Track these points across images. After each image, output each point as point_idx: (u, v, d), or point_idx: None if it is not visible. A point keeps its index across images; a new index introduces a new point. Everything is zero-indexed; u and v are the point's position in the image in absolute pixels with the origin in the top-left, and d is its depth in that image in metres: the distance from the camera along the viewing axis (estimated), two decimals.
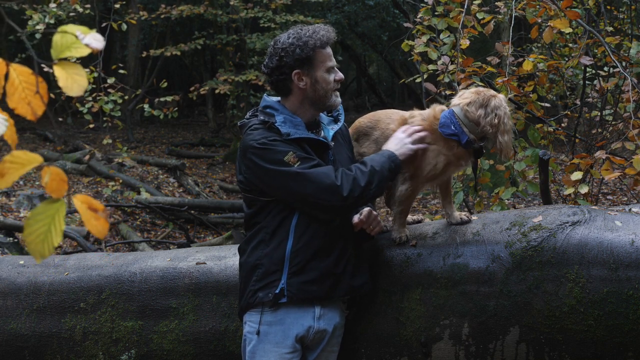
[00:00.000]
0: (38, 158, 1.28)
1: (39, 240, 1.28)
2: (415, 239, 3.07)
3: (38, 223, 1.28)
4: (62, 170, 1.30)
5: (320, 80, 2.83)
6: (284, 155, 2.72)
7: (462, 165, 3.06)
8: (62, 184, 1.29)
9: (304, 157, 2.75)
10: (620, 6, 8.00)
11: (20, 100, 1.31)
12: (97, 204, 1.31)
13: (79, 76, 1.33)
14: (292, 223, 2.80)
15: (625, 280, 2.71)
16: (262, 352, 2.81)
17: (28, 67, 1.33)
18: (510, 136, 2.95)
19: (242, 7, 13.55)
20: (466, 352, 2.88)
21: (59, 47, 1.33)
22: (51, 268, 3.58)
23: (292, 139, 2.77)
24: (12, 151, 1.29)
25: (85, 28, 1.34)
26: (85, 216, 1.30)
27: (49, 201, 1.30)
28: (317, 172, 2.72)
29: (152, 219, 11.27)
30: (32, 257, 3.83)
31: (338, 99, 2.93)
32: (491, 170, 4.79)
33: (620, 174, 3.72)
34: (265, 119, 2.82)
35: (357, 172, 2.76)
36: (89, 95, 7.38)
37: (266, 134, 2.78)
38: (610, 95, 5.52)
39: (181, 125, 21.42)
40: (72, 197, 1.29)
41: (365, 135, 3.16)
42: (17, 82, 1.31)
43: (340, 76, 2.90)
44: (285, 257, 2.78)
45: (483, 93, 2.97)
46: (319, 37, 2.81)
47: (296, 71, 2.81)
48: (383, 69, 26.96)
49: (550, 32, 4.12)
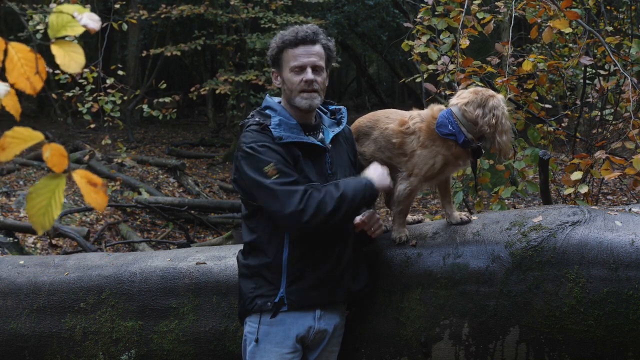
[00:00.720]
0: (39, 135, 1.31)
1: (40, 213, 1.33)
2: (415, 239, 3.07)
3: (40, 197, 1.33)
4: (62, 146, 1.32)
5: (286, 80, 2.82)
6: (265, 164, 2.69)
7: (461, 165, 3.06)
8: (62, 159, 1.32)
9: (284, 171, 2.69)
10: (620, 6, 8.00)
11: (19, 76, 1.34)
12: (96, 179, 1.34)
13: (76, 53, 1.35)
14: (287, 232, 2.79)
15: (625, 280, 2.71)
16: (263, 352, 2.80)
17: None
18: (508, 136, 2.94)
19: (242, 7, 13.55)
20: (466, 352, 2.88)
21: (56, 27, 1.36)
22: (51, 268, 3.58)
23: (284, 143, 2.76)
24: (14, 127, 1.32)
25: (81, 7, 1.37)
26: (84, 190, 1.33)
27: (50, 176, 1.33)
28: (285, 191, 2.64)
29: (152, 219, 11.27)
30: (30, 257, 3.82)
31: (305, 101, 2.81)
32: (491, 170, 4.79)
33: (620, 174, 3.72)
34: (261, 120, 2.81)
35: (327, 196, 2.66)
36: (89, 95, 7.39)
37: (258, 137, 2.75)
38: (610, 94, 5.52)
39: (181, 125, 21.43)
40: (72, 172, 1.32)
41: (365, 134, 3.16)
42: (16, 58, 1.33)
43: (308, 77, 2.78)
44: (282, 266, 2.77)
45: (481, 93, 2.97)
46: (288, 37, 2.79)
47: (272, 70, 2.89)
48: (383, 69, 26.96)
49: (550, 32, 4.13)
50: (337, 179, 2.84)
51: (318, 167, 2.82)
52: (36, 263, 3.67)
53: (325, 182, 2.80)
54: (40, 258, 3.80)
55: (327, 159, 2.86)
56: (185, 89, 16.55)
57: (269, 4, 13.69)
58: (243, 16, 13.34)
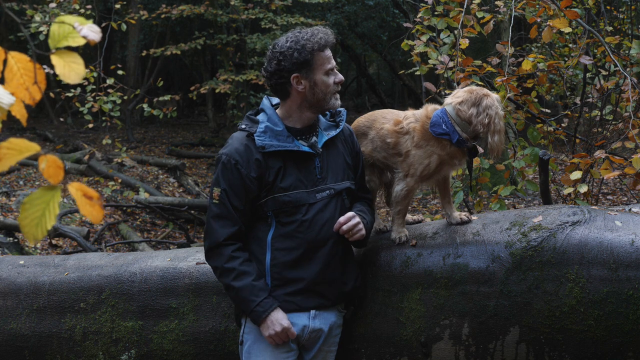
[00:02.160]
0: (35, 146, 1.32)
1: (33, 224, 1.33)
2: (415, 239, 3.07)
3: (33, 208, 1.33)
4: (58, 158, 1.33)
5: (319, 83, 2.82)
6: (216, 186, 2.80)
7: (456, 164, 3.05)
8: (58, 170, 1.32)
9: (225, 202, 2.78)
10: (620, 6, 8.00)
11: (18, 86, 1.34)
12: (91, 192, 1.34)
13: (76, 64, 1.36)
14: (269, 237, 2.81)
15: (625, 280, 2.70)
16: (258, 352, 2.81)
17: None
18: (500, 137, 2.91)
19: (242, 8, 13.54)
20: (466, 352, 2.88)
21: (56, 37, 1.36)
22: (51, 268, 3.58)
23: (267, 152, 2.78)
24: (10, 138, 1.32)
25: (82, 19, 1.38)
26: (80, 202, 1.34)
27: (45, 187, 1.34)
28: (211, 220, 2.81)
29: (152, 219, 11.27)
30: (31, 257, 3.82)
31: (338, 102, 2.90)
32: (491, 169, 4.79)
33: (619, 174, 3.72)
34: (247, 127, 2.84)
35: (225, 269, 2.78)
36: (89, 95, 7.39)
37: (236, 148, 2.80)
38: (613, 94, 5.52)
39: (181, 125, 21.42)
40: (68, 185, 1.33)
41: (363, 134, 3.17)
42: (16, 68, 1.34)
43: (340, 78, 2.87)
44: (265, 271, 2.80)
45: (475, 92, 2.95)
46: (317, 40, 2.80)
47: (294, 75, 2.80)
48: (383, 69, 26.94)
49: (550, 31, 4.13)
50: (327, 183, 2.86)
51: (305, 172, 2.83)
52: (36, 263, 3.67)
53: (314, 187, 2.82)
54: (40, 258, 3.80)
55: (316, 163, 2.85)
56: (185, 89, 16.53)
57: (269, 4, 13.68)
58: (243, 17, 13.34)
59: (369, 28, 18.19)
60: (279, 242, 2.79)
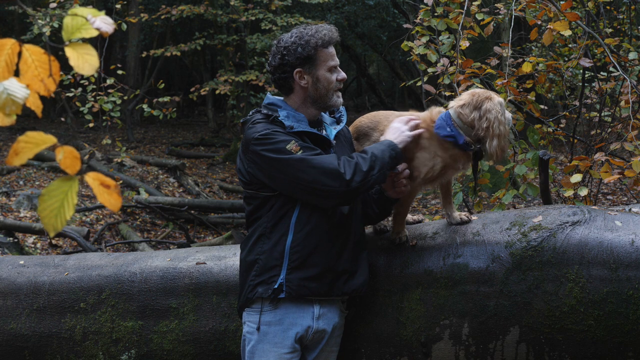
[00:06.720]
0: (52, 138, 1.33)
1: (52, 215, 1.34)
2: (415, 239, 3.08)
3: (52, 199, 1.34)
4: (74, 149, 1.35)
5: (321, 79, 2.85)
6: (287, 143, 2.74)
7: (460, 167, 3.02)
8: (75, 160, 1.33)
9: (306, 146, 2.77)
10: (619, 7, 8.01)
11: (33, 78, 1.35)
12: (109, 181, 1.35)
13: (90, 55, 1.37)
14: (293, 219, 2.80)
15: (625, 280, 2.71)
16: (261, 352, 2.81)
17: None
18: (500, 142, 2.87)
19: (242, 8, 13.54)
20: (466, 352, 2.88)
21: (70, 29, 1.37)
22: (51, 268, 3.59)
23: (295, 132, 2.80)
24: (27, 132, 1.33)
25: (95, 10, 1.39)
26: (98, 191, 1.35)
27: (63, 178, 1.34)
28: (320, 158, 2.73)
29: (152, 219, 11.27)
30: (30, 257, 3.82)
31: (340, 99, 2.93)
32: (491, 170, 4.79)
33: (619, 177, 3.72)
34: (269, 112, 2.85)
35: (359, 158, 2.76)
36: (90, 95, 7.39)
37: (268, 126, 2.80)
38: (608, 97, 5.53)
39: (181, 125, 21.43)
40: (85, 175, 1.34)
41: (365, 135, 3.16)
42: (30, 60, 1.35)
43: (343, 76, 2.90)
44: (285, 252, 2.79)
45: (478, 95, 2.93)
46: (321, 36, 2.83)
47: (297, 69, 2.83)
48: (383, 69, 26.96)
49: (550, 34, 4.12)
50: None
51: None
52: (36, 263, 3.67)
53: None
54: (40, 258, 3.80)
55: (332, 153, 2.89)
56: (185, 89, 16.55)
57: (268, 4, 13.68)
58: (243, 18, 13.34)
59: (369, 28, 18.19)
60: (301, 224, 2.80)
